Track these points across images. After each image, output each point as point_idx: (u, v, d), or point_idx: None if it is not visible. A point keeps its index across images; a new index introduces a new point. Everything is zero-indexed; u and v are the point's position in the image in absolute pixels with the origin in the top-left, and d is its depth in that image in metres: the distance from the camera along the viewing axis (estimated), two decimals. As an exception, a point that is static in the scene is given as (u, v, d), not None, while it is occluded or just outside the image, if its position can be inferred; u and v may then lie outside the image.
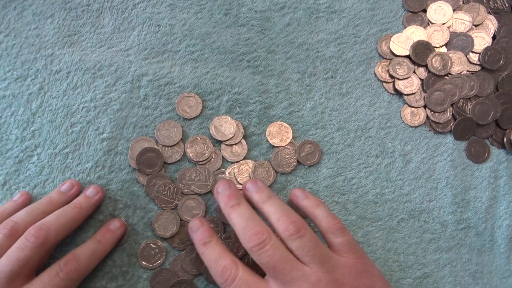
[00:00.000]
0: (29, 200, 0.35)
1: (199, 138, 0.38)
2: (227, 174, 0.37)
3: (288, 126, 0.38)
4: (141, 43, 0.39)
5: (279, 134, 0.38)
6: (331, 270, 0.29)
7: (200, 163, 0.37)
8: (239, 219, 0.31)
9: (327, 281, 0.28)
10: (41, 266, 0.32)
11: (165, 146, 0.37)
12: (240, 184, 0.37)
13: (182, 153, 0.37)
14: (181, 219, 0.36)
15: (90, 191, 0.35)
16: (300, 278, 0.28)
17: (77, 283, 0.31)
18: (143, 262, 0.35)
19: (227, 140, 0.37)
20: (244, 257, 0.35)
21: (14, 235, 0.30)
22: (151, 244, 0.35)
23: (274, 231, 0.31)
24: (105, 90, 0.38)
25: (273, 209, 0.31)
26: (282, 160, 0.38)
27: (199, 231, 0.32)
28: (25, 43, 0.38)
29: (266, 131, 0.38)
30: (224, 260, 0.30)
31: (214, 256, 0.31)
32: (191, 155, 0.37)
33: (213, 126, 0.38)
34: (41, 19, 0.39)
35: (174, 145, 0.37)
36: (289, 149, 0.38)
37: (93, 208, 0.34)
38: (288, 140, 0.38)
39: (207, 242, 0.31)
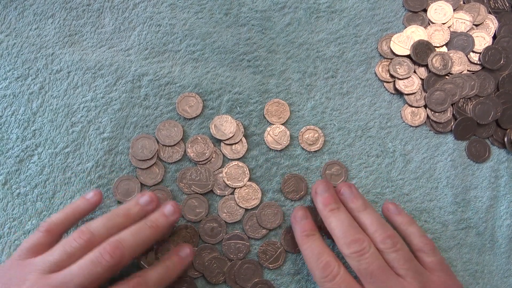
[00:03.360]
0: (101, 200, 0.34)
1: (199, 138, 0.38)
2: (224, 173, 0.37)
3: (284, 102, 0.39)
4: (142, 43, 0.39)
5: (277, 112, 0.38)
6: (425, 286, 0.30)
7: (200, 163, 0.37)
8: (339, 224, 0.32)
9: None
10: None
11: (166, 145, 0.37)
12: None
13: (182, 152, 0.37)
14: (183, 217, 0.36)
15: (168, 209, 0.32)
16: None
17: None
18: (142, 262, 0.35)
19: (227, 139, 0.37)
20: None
21: (90, 246, 0.29)
22: (153, 245, 0.35)
23: None
24: (105, 89, 0.38)
25: (369, 221, 0.32)
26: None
27: (303, 222, 0.33)
28: (26, 43, 0.38)
29: (264, 109, 0.39)
30: (328, 256, 0.31)
31: (318, 250, 0.32)
32: (191, 154, 0.37)
33: (213, 125, 0.38)
34: (42, 19, 0.39)
35: (175, 144, 0.37)
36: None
37: (169, 229, 0.33)
38: (285, 119, 0.38)
39: (310, 235, 0.32)
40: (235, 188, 0.37)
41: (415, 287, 0.30)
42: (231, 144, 0.38)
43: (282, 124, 0.39)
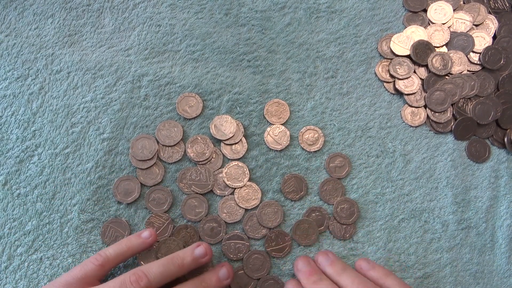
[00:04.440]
0: (155, 241, 0.34)
1: (199, 138, 0.38)
2: (224, 173, 0.37)
3: (284, 102, 0.39)
4: (142, 43, 0.39)
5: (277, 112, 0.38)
6: None
7: (200, 163, 0.37)
8: None
9: None
10: None
11: (166, 146, 0.37)
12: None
13: (182, 153, 0.37)
14: (183, 217, 0.36)
15: (222, 273, 0.33)
16: None
17: None
18: (141, 262, 0.35)
19: (227, 139, 0.37)
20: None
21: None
22: (152, 245, 0.35)
23: None
24: (105, 90, 0.38)
25: (349, 281, 0.33)
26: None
27: (306, 269, 0.34)
28: (25, 43, 0.38)
29: (264, 109, 0.39)
30: None
31: None
32: (191, 155, 0.37)
33: (213, 125, 0.38)
34: (42, 19, 0.39)
35: (175, 145, 0.37)
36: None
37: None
38: (285, 119, 0.38)
39: (317, 280, 0.33)
40: (235, 188, 0.37)
41: None
42: (231, 144, 0.38)
43: (282, 124, 0.39)
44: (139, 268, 0.30)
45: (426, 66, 0.40)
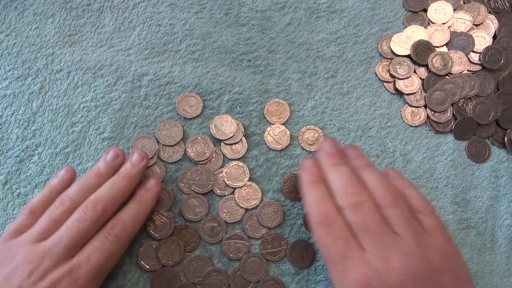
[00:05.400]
0: (74, 176, 0.35)
1: (199, 138, 0.38)
2: (224, 173, 0.37)
3: (284, 102, 0.39)
4: (142, 43, 0.39)
5: (277, 112, 0.38)
6: (421, 245, 0.28)
7: (200, 162, 0.37)
8: (340, 176, 0.31)
9: (417, 255, 0.28)
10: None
11: (166, 145, 0.37)
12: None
13: (182, 152, 0.37)
14: (183, 217, 0.36)
15: (135, 158, 0.34)
16: (391, 244, 0.28)
17: (125, 246, 0.33)
18: (141, 262, 0.35)
19: (228, 139, 0.37)
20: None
21: (72, 210, 0.31)
22: (152, 244, 0.35)
23: None
24: (105, 89, 0.38)
25: (371, 176, 0.31)
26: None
27: (312, 169, 0.33)
28: (26, 43, 0.38)
29: (264, 109, 0.39)
30: (330, 205, 0.30)
31: (321, 197, 0.31)
32: (191, 154, 0.37)
33: (213, 125, 0.38)
34: (42, 19, 0.39)
35: (175, 144, 0.37)
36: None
37: (140, 175, 0.34)
38: (285, 119, 0.39)
39: (316, 182, 0.31)
40: (235, 188, 0.37)
41: (410, 246, 0.28)
42: (231, 144, 0.38)
43: (282, 124, 0.39)
44: (94, 196, 0.32)
45: (426, 66, 0.40)
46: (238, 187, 0.37)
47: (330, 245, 0.29)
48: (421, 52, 0.40)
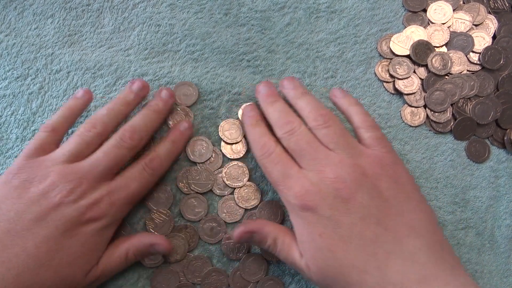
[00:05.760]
0: (92, 99, 0.36)
1: (199, 138, 0.38)
2: (223, 173, 0.37)
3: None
4: (141, 43, 0.39)
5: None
6: (354, 156, 0.31)
7: (200, 162, 0.37)
8: (275, 112, 0.34)
9: (349, 164, 0.30)
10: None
11: (165, 145, 0.37)
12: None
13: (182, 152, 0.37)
14: (183, 217, 0.36)
15: (164, 93, 0.36)
16: (324, 159, 0.30)
17: (158, 179, 0.35)
18: (144, 261, 0.35)
19: (233, 144, 0.38)
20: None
21: (104, 134, 0.32)
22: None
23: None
24: (105, 89, 0.38)
25: (305, 104, 0.34)
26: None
27: (251, 113, 0.35)
28: (25, 43, 0.38)
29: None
30: (268, 138, 0.33)
31: (260, 134, 0.34)
32: (191, 154, 0.37)
33: (222, 128, 0.38)
34: (42, 19, 0.39)
35: (174, 144, 0.37)
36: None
37: (167, 112, 0.36)
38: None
39: (255, 124, 0.34)
40: (235, 188, 0.37)
41: (342, 158, 0.30)
42: (231, 144, 0.38)
43: None
44: (131, 124, 0.33)
45: (426, 66, 0.40)
46: (238, 187, 0.37)
47: (272, 170, 0.32)
48: (420, 52, 0.40)
